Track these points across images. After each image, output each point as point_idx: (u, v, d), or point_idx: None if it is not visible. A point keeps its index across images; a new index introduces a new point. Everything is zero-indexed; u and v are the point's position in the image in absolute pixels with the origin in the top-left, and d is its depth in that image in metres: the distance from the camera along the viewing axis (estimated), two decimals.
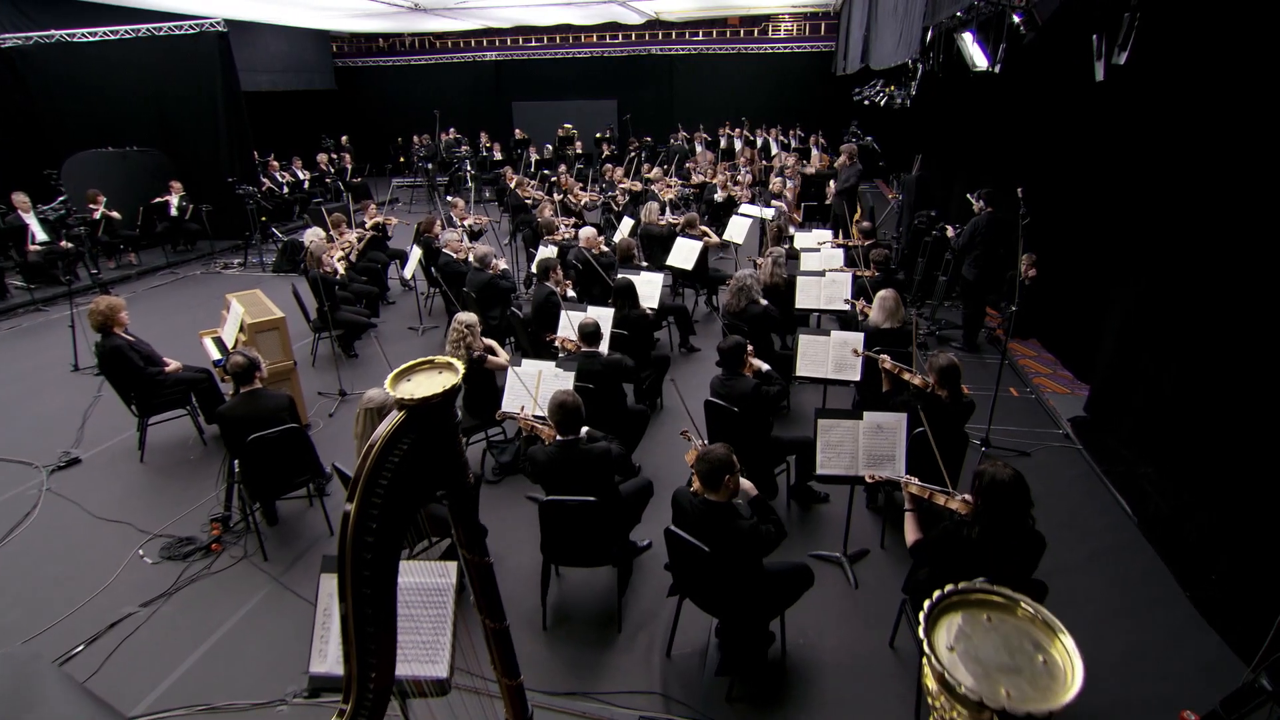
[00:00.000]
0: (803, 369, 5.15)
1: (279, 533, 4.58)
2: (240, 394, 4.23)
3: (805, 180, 12.92)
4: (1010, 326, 5.40)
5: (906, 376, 4.37)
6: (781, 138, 17.90)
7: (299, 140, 16.80)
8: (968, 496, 3.05)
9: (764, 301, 5.80)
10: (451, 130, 17.83)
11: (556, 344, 5.17)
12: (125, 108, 11.50)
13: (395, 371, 1.70)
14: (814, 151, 16.67)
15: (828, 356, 5.13)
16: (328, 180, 15.08)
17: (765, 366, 4.64)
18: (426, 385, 1.63)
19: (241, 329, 5.55)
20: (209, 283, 10.36)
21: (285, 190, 14.10)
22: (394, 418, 1.62)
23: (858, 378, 5.01)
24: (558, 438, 3.54)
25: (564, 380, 4.45)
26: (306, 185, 14.58)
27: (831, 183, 11.38)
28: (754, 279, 5.72)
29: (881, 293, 5.34)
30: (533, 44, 19.81)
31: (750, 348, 4.49)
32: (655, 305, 6.53)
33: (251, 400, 4.21)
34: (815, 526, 4.63)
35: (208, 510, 4.71)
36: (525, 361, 4.60)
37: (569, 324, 5.17)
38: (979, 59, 7.80)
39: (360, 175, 16.15)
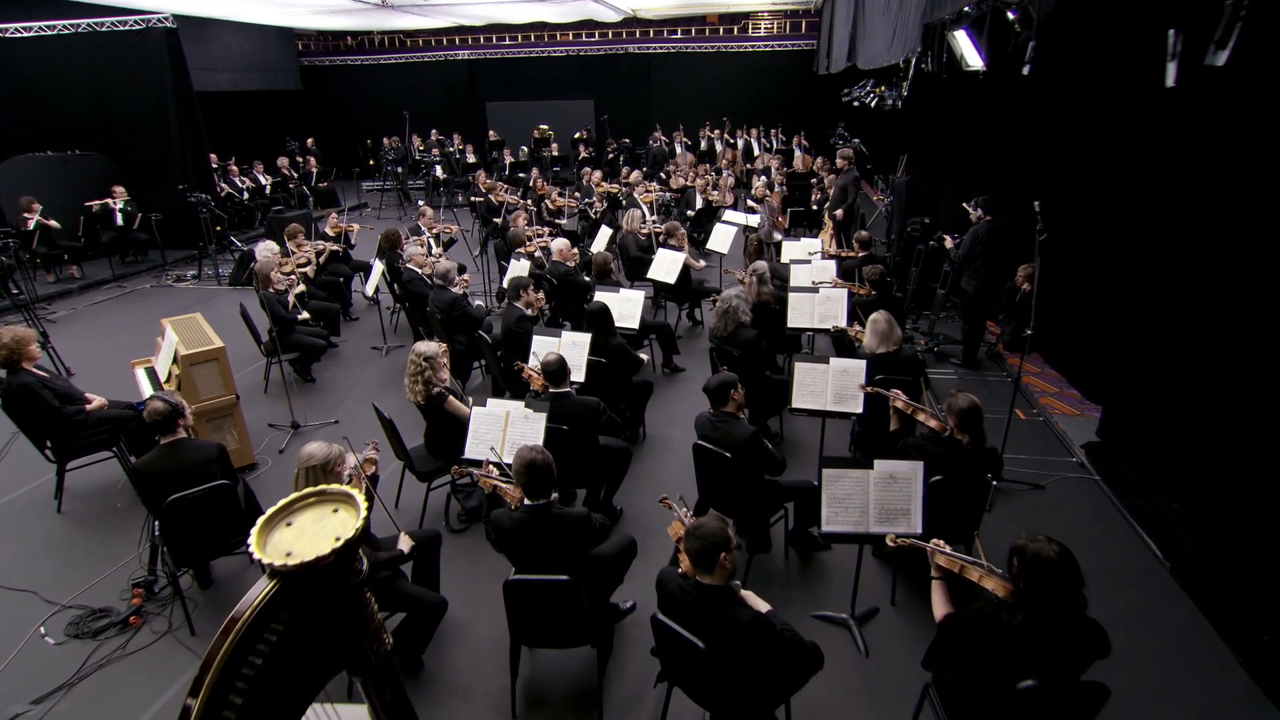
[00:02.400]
0: (800, 400, 4.70)
1: (214, 598, 4.02)
2: (159, 445, 3.68)
3: (791, 182, 12.51)
4: (1026, 345, 4.95)
5: (922, 418, 3.92)
6: (763, 139, 17.49)
7: (262, 143, 16.04)
8: (1000, 572, 2.61)
9: (747, 319, 5.33)
10: (434, 132, 17.17)
11: (524, 377, 4.67)
12: (65, 109, 10.77)
13: (271, 511, 1.19)
14: (796, 152, 16.31)
15: (826, 386, 4.68)
16: (291, 185, 14.38)
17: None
18: (314, 536, 1.14)
19: (175, 360, 4.98)
20: (159, 297, 9.70)
21: (245, 196, 13.40)
22: (264, 588, 1.12)
23: (860, 410, 4.57)
24: (525, 501, 3.03)
25: (534, 425, 3.94)
26: (268, 190, 13.87)
27: (826, 180, 10.96)
28: (741, 299, 5.25)
29: (873, 315, 4.91)
30: (506, 42, 19.24)
31: (739, 391, 4.00)
32: (636, 325, 6.06)
33: (173, 453, 3.66)
34: (817, 579, 4.17)
35: (132, 570, 4.14)
36: (490, 401, 4.09)
37: (537, 356, 4.66)
38: (972, 58, 7.42)
39: (326, 179, 15.48)
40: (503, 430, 4.03)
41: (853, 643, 3.67)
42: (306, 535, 1.13)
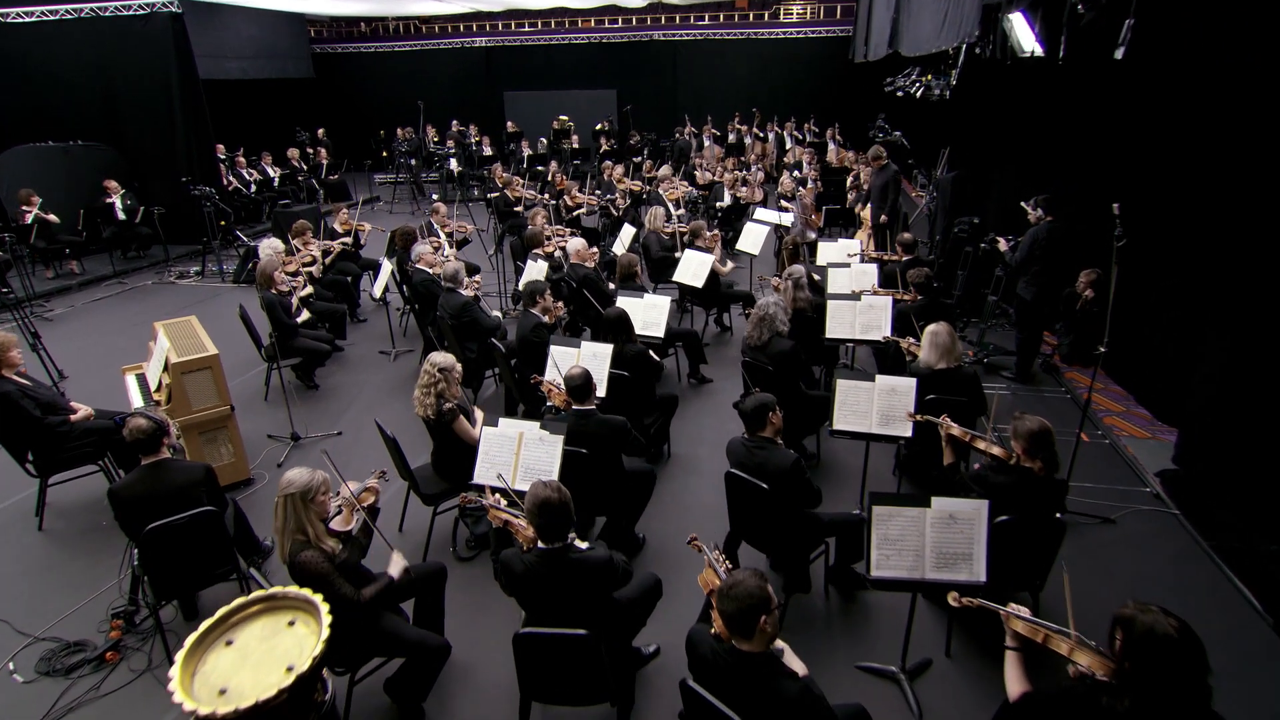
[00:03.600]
0: (842, 421, 4.41)
1: None
2: (140, 466, 3.48)
3: (824, 178, 12.16)
4: (1098, 362, 4.59)
5: (981, 446, 3.62)
6: (795, 131, 17.13)
7: (272, 133, 16.03)
8: (1096, 646, 2.30)
9: (784, 328, 5.05)
10: (455, 123, 17.03)
11: (542, 390, 4.42)
12: (67, 97, 10.75)
13: (207, 625, 0.94)
14: (830, 146, 15.94)
15: (871, 407, 4.38)
16: (300, 178, 14.29)
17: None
18: (260, 663, 0.89)
19: (166, 368, 4.80)
20: (160, 295, 9.60)
21: (253, 189, 13.32)
22: None
23: (909, 434, 4.27)
24: (539, 544, 2.78)
25: (551, 448, 3.69)
26: (276, 183, 13.78)
27: (862, 175, 10.60)
28: (779, 307, 4.96)
29: (932, 327, 4.60)
30: (526, 29, 19.06)
31: (777, 413, 3.72)
32: (662, 333, 5.80)
33: (154, 475, 3.46)
34: (861, 623, 3.87)
35: (113, 598, 3.95)
36: (503, 421, 3.84)
37: (557, 367, 4.41)
38: (1028, 41, 7.07)
39: (337, 172, 15.36)
40: (515, 453, 3.79)
41: (903, 700, 3.38)
42: (250, 661, 0.89)
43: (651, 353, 5.21)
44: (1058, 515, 3.51)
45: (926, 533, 3.20)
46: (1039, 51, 6.90)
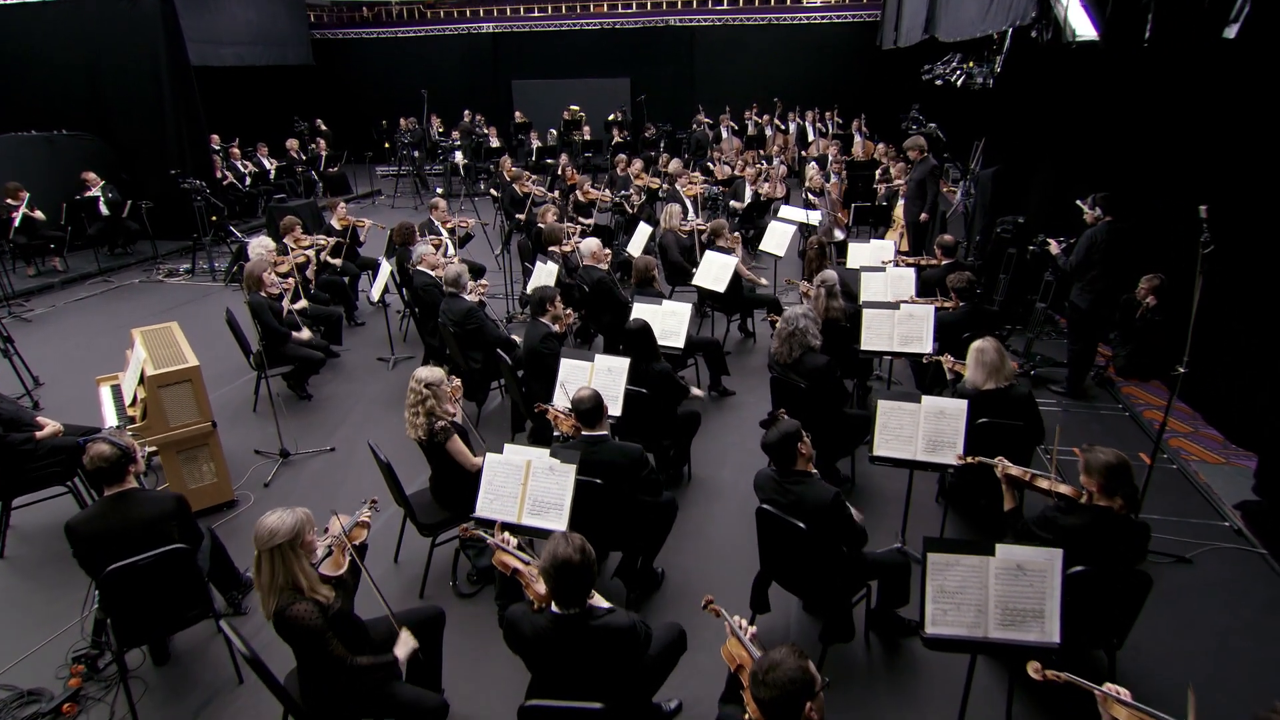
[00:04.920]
0: (883, 446, 4.12)
1: (169, 679, 3.58)
2: (103, 498, 3.23)
3: (851, 173, 11.84)
4: (1178, 384, 4.23)
5: (1045, 485, 3.31)
6: (819, 122, 16.78)
7: (270, 123, 15.84)
8: None
9: (816, 342, 4.74)
10: (467, 113, 16.79)
11: (549, 417, 4.14)
12: (50, 84, 10.60)
13: None
14: (856, 138, 15.60)
15: (916, 431, 4.08)
16: (298, 170, 14.09)
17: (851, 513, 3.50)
18: None
19: (142, 381, 4.56)
20: (148, 294, 9.41)
21: (248, 182, 13.12)
22: None
23: (958, 461, 3.96)
24: (553, 608, 2.49)
25: (563, 479, 3.42)
26: (273, 176, 13.59)
27: (893, 170, 10.27)
28: (809, 319, 4.66)
29: (978, 344, 4.29)
30: (535, 14, 18.80)
31: (806, 442, 3.42)
32: (681, 343, 5.51)
33: (117, 509, 3.20)
34: (908, 677, 3.57)
35: (76, 639, 3.71)
36: (509, 448, 3.57)
37: (565, 388, 4.12)
38: (1083, 26, 6.73)
39: (337, 164, 15.18)
40: (523, 484, 3.51)
41: None
42: None
43: (680, 377, 4.94)
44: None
45: (990, 585, 2.90)
46: (1093, 35, 6.56)
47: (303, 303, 6.78)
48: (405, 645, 2.84)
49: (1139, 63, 6.20)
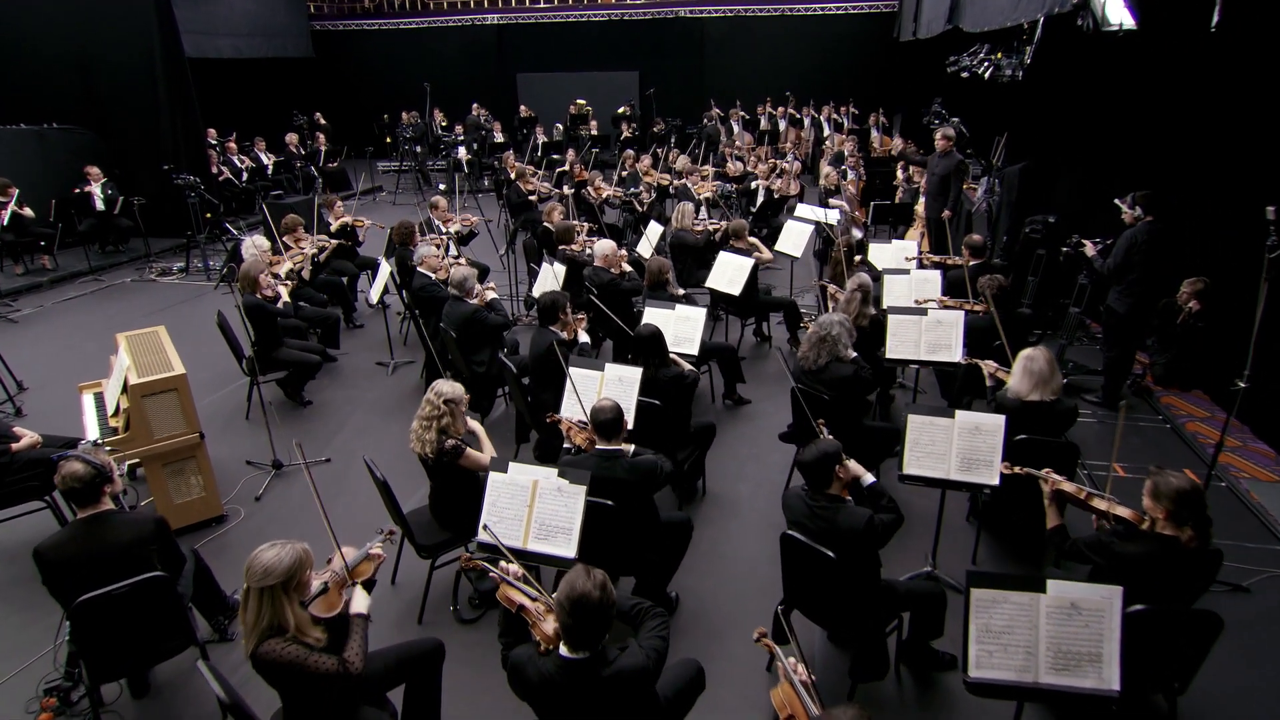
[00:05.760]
0: (914, 465, 3.90)
1: (148, 712, 3.40)
2: (76, 521, 3.05)
3: (868, 169, 11.61)
4: (1237, 401, 4.02)
5: (1102, 506, 3.10)
6: (834, 116, 16.55)
7: (268, 117, 15.73)
8: None
9: (853, 353, 4.54)
10: (476, 107, 16.63)
11: (561, 429, 3.94)
12: (41, 75, 10.47)
13: None
14: (873, 133, 15.37)
15: (950, 448, 3.87)
16: (297, 166, 13.94)
17: (869, 478, 3.37)
18: None
19: (125, 389, 4.38)
20: (139, 294, 9.27)
21: (244, 178, 12.97)
22: None
23: (996, 482, 3.76)
24: (563, 652, 2.30)
25: (572, 501, 3.22)
26: (270, 171, 13.43)
27: (913, 173, 10.06)
28: (844, 328, 4.45)
29: (1028, 351, 4.09)
30: (541, 5, 18.63)
31: (846, 466, 3.22)
32: (696, 350, 5.31)
33: (91, 532, 3.02)
34: (943, 713, 3.37)
35: (48, 669, 3.53)
36: (513, 466, 3.37)
37: (578, 396, 3.93)
38: (1119, 15, 6.49)
39: (336, 159, 15.03)
40: (529, 505, 3.32)
41: None
42: None
43: (685, 365, 4.75)
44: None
45: (1040, 625, 2.70)
46: (1129, 24, 6.33)
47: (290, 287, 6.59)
48: (359, 601, 2.74)
49: (1191, 52, 5.96)
